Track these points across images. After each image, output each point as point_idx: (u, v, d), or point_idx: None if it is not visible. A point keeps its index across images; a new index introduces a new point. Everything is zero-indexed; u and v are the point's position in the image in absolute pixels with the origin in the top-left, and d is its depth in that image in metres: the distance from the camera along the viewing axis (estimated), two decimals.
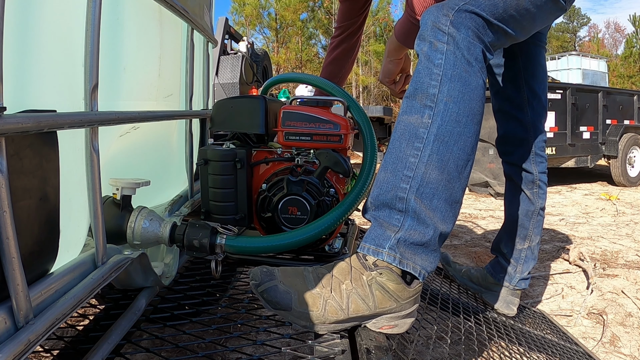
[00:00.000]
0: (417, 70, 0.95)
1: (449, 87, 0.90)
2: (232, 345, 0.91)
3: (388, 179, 0.92)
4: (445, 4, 0.95)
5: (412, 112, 0.92)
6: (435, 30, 0.93)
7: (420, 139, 0.90)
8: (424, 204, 0.89)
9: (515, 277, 1.58)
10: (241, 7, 15.53)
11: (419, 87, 0.92)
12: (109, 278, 0.74)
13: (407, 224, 0.88)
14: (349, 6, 1.73)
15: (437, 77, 0.91)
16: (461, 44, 0.92)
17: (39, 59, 0.60)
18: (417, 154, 0.89)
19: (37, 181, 0.59)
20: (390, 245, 0.87)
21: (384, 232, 0.89)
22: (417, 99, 0.92)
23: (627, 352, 1.68)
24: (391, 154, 0.93)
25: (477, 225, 3.82)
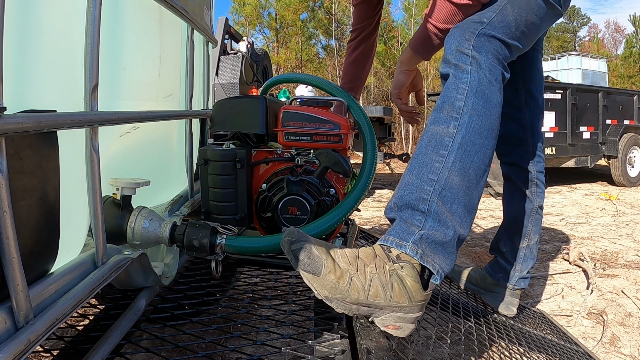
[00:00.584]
0: (445, 86, 1.04)
1: (474, 101, 0.99)
2: (232, 345, 0.91)
3: (412, 182, 0.97)
4: (467, 29, 1.05)
5: (439, 123, 1.00)
6: (460, 54, 1.03)
7: (445, 147, 0.97)
8: (445, 207, 0.94)
9: (514, 277, 1.59)
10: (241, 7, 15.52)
11: (446, 100, 1.01)
12: (109, 278, 0.74)
13: (428, 224, 0.93)
14: (362, 8, 1.75)
15: (463, 92, 1.00)
16: (483, 66, 1.02)
17: (39, 59, 0.60)
18: (442, 160, 0.96)
19: (37, 181, 0.59)
20: (414, 240, 0.91)
21: (408, 227, 0.93)
22: (444, 111, 1.01)
23: (627, 352, 1.68)
24: (417, 159, 1.00)
25: (477, 225, 3.82)
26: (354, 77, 1.84)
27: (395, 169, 7.66)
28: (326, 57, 16.47)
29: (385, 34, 15.44)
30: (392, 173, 6.49)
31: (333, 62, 15.77)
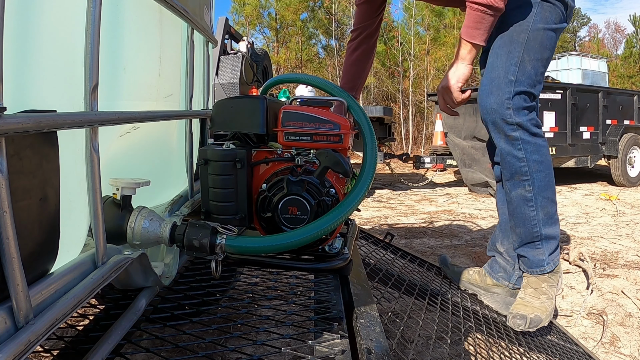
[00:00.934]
0: (507, 160, 1.37)
1: (533, 161, 1.34)
2: (232, 345, 0.91)
3: (523, 231, 1.43)
4: (501, 96, 1.31)
5: (517, 188, 1.39)
6: (505, 125, 1.32)
7: (530, 200, 1.38)
8: (547, 228, 1.41)
9: (514, 275, 1.62)
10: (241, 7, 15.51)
11: (513, 171, 1.37)
12: (109, 278, 0.74)
13: (544, 245, 1.42)
14: (365, 8, 1.76)
15: (522, 159, 1.34)
16: (525, 125, 1.32)
17: (39, 59, 0.60)
18: (533, 208, 1.39)
19: (37, 181, 0.59)
20: (547, 262, 1.42)
21: (538, 258, 1.42)
22: (516, 178, 1.38)
23: (627, 353, 1.68)
24: (517, 216, 1.43)
25: (477, 225, 3.82)
26: (354, 77, 1.84)
27: (395, 169, 7.66)
28: (326, 57, 16.48)
29: (386, 34, 15.43)
30: (392, 173, 6.49)
31: (333, 62, 15.77)
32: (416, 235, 3.44)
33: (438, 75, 14.95)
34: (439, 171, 6.34)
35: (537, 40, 1.34)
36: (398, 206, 4.96)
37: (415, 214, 4.43)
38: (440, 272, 2.04)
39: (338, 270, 1.19)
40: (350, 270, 1.21)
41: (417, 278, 1.79)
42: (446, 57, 14.51)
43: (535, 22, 1.34)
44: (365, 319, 0.95)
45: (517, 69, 1.31)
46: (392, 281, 1.60)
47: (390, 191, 6.16)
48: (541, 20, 1.34)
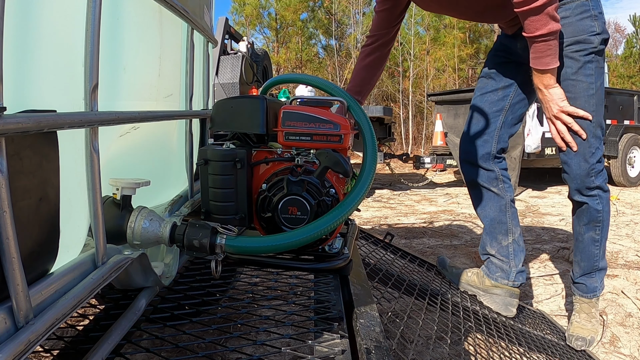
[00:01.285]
0: (588, 211, 1.58)
1: (606, 211, 1.58)
2: (232, 345, 0.91)
3: (586, 265, 1.66)
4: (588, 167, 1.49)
5: (589, 231, 1.61)
6: (586, 190, 1.54)
7: (597, 242, 1.62)
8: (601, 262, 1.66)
9: (512, 273, 1.67)
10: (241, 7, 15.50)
11: (591, 219, 1.59)
12: (109, 278, 0.74)
13: (598, 275, 1.67)
14: (384, 16, 1.75)
15: (600, 211, 1.57)
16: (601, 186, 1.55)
17: (39, 59, 0.60)
18: (598, 247, 1.63)
19: (37, 181, 0.59)
20: (599, 288, 1.68)
21: (593, 285, 1.66)
22: (591, 224, 1.60)
23: (627, 353, 1.68)
24: (584, 253, 1.65)
25: (477, 226, 3.82)
26: (363, 82, 1.84)
27: (395, 169, 7.65)
28: (326, 57, 16.48)
29: None
30: (392, 173, 6.49)
31: (333, 62, 15.77)
32: (416, 236, 3.44)
33: (438, 75, 14.95)
34: (439, 171, 6.34)
35: (600, 98, 1.46)
36: (398, 206, 4.96)
37: (415, 214, 4.43)
38: (440, 272, 2.04)
39: (338, 270, 1.19)
40: (350, 270, 1.21)
41: (417, 278, 1.79)
42: (446, 57, 14.51)
43: (597, 77, 1.44)
44: (365, 319, 0.95)
45: (594, 139, 1.46)
46: (392, 281, 1.60)
47: (390, 191, 6.16)
48: (600, 77, 1.45)
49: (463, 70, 15.05)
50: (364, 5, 15.60)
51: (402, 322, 1.26)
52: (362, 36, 15.07)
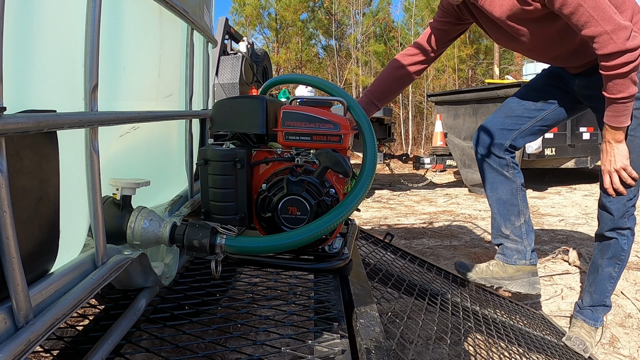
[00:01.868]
0: (615, 247, 1.66)
1: (627, 253, 1.66)
2: (232, 345, 0.91)
3: (598, 298, 1.71)
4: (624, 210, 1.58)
5: (609, 266, 1.68)
6: (620, 229, 1.62)
7: (613, 278, 1.69)
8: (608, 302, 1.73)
9: (527, 252, 1.75)
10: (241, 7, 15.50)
11: (615, 255, 1.66)
12: (109, 278, 0.74)
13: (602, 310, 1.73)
14: (438, 35, 1.75)
15: (625, 251, 1.66)
16: (632, 228, 1.64)
17: (39, 59, 0.60)
18: (612, 283, 1.69)
19: (37, 181, 0.59)
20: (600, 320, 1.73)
21: (598, 316, 1.73)
22: (613, 260, 1.67)
23: (626, 353, 1.68)
24: (599, 286, 1.71)
25: (477, 226, 3.82)
26: (390, 91, 1.82)
27: (395, 169, 7.66)
28: (326, 58, 16.48)
29: (385, 34, 15.43)
30: (392, 173, 6.49)
31: (333, 62, 15.77)
32: (416, 236, 3.44)
33: (438, 75, 14.96)
34: (438, 172, 6.34)
35: None
36: (398, 207, 4.96)
37: (414, 215, 4.43)
38: (440, 272, 2.04)
39: (338, 270, 1.19)
40: (350, 270, 1.21)
41: (417, 278, 1.79)
42: (446, 58, 14.51)
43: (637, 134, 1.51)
44: (365, 319, 0.95)
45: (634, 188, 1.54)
46: (392, 281, 1.60)
47: (390, 192, 6.16)
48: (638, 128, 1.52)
49: (463, 70, 15.05)
50: (364, 6, 15.62)
51: (402, 322, 1.26)
52: (362, 36, 15.08)
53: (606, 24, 1.28)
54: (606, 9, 1.29)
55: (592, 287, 1.72)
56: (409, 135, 14.09)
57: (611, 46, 1.29)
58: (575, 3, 1.29)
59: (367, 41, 15.37)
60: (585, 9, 1.29)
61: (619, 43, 1.28)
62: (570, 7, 1.30)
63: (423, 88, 14.37)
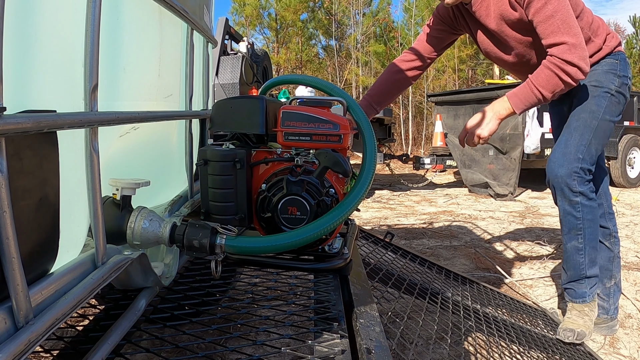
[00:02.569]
0: (567, 219, 1.68)
1: (586, 220, 1.65)
2: (232, 346, 0.91)
3: (573, 273, 1.73)
4: (570, 169, 1.60)
5: (571, 240, 1.70)
6: (570, 192, 1.62)
7: (580, 250, 1.69)
8: (590, 270, 1.70)
9: (611, 309, 1.86)
10: (241, 7, 15.49)
11: (571, 227, 1.68)
12: (109, 278, 0.74)
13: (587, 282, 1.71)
14: (433, 41, 1.83)
15: (580, 219, 1.65)
16: (585, 191, 1.62)
17: (39, 59, 0.60)
18: (582, 255, 1.69)
19: (37, 181, 0.59)
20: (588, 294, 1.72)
21: (582, 291, 1.72)
22: (572, 233, 1.68)
23: (626, 354, 1.68)
24: (570, 262, 1.72)
25: (477, 227, 3.82)
26: (387, 95, 1.89)
27: (395, 169, 7.65)
28: (326, 58, 16.47)
29: (385, 34, 15.42)
30: (392, 174, 6.49)
31: (333, 62, 15.77)
32: (416, 236, 3.44)
33: (438, 75, 14.95)
34: (438, 172, 6.34)
35: (603, 128, 1.64)
36: (398, 207, 4.96)
37: (414, 215, 4.43)
38: (442, 270, 2.04)
39: (338, 270, 1.19)
40: (350, 270, 1.21)
41: (418, 278, 1.79)
42: (446, 58, 14.51)
43: (605, 113, 1.64)
44: (365, 319, 0.95)
45: (585, 150, 1.60)
46: (392, 281, 1.60)
47: (390, 192, 6.16)
48: (609, 113, 1.65)
49: (463, 71, 15.05)
50: (364, 6, 15.62)
51: (402, 322, 1.26)
52: (362, 37, 15.08)
53: (570, 37, 1.41)
54: (573, 26, 1.43)
55: (566, 265, 1.75)
56: (409, 136, 14.08)
57: (567, 54, 1.41)
58: (547, 14, 1.42)
59: (367, 41, 15.37)
60: (555, 20, 1.41)
61: (575, 56, 1.41)
62: (542, 16, 1.43)
63: (423, 88, 14.37)
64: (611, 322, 1.85)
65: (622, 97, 1.69)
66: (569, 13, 1.42)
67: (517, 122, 5.19)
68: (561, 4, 1.41)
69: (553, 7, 1.41)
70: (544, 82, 1.46)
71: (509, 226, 3.84)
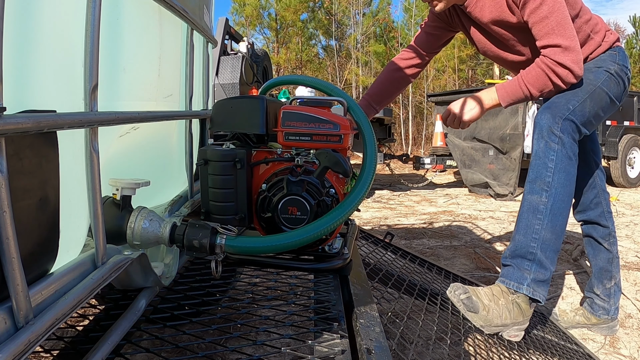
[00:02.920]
0: (536, 163, 1.41)
1: (559, 177, 1.38)
2: (232, 346, 0.91)
3: (521, 240, 1.39)
4: (557, 113, 1.42)
5: (534, 193, 1.40)
6: (550, 134, 1.40)
7: (541, 213, 1.37)
8: (543, 254, 1.37)
9: (611, 309, 1.81)
10: (241, 7, 15.50)
11: (538, 175, 1.40)
12: (109, 278, 0.74)
13: (534, 268, 1.37)
14: (431, 39, 1.82)
15: (551, 170, 1.38)
16: (566, 144, 1.40)
17: (39, 59, 0.60)
18: (540, 223, 1.37)
19: (37, 181, 0.59)
20: (528, 283, 1.36)
21: (522, 274, 1.37)
22: (537, 184, 1.39)
23: (626, 354, 1.68)
24: (522, 222, 1.41)
25: (477, 227, 3.82)
26: (386, 94, 1.88)
27: (395, 169, 7.66)
28: (326, 58, 16.48)
29: (386, 34, 15.43)
30: (392, 174, 6.49)
31: (333, 62, 15.77)
32: (416, 236, 3.44)
33: (438, 75, 14.96)
34: (438, 172, 6.34)
35: (600, 97, 1.52)
36: (398, 207, 4.96)
37: (415, 215, 4.43)
38: (441, 271, 2.04)
39: (338, 270, 1.19)
40: (350, 270, 1.21)
41: (417, 278, 1.79)
42: (446, 58, 14.51)
43: (603, 84, 1.53)
44: (365, 319, 0.95)
45: (578, 104, 1.45)
46: (392, 281, 1.60)
47: (390, 192, 6.16)
48: (607, 86, 1.54)
49: (463, 71, 15.06)
50: (364, 6, 15.63)
51: (402, 322, 1.26)
52: (362, 37, 15.08)
53: (564, 40, 1.38)
54: (568, 28, 1.39)
55: (516, 226, 1.42)
56: (409, 136, 14.09)
57: (560, 56, 1.38)
58: (543, 15, 1.39)
59: (367, 41, 15.38)
60: (550, 21, 1.39)
61: (568, 59, 1.38)
62: (537, 17, 1.40)
63: (423, 88, 14.37)
64: (612, 322, 1.83)
65: (622, 81, 1.59)
66: (564, 15, 1.40)
67: (517, 122, 5.19)
68: (557, 5, 1.39)
69: (548, 8, 1.38)
70: (533, 80, 1.43)
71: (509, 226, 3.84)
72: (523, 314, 1.34)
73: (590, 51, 1.58)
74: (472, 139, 5.66)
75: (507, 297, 1.35)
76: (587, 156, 1.81)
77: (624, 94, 1.63)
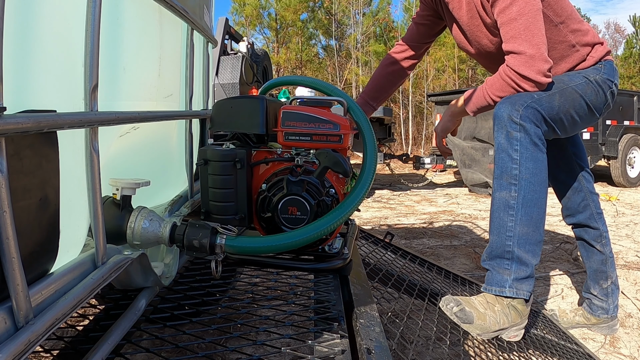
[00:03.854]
0: (500, 157, 1.31)
1: (526, 167, 1.28)
2: (232, 345, 0.91)
3: (496, 240, 1.32)
4: (517, 102, 1.30)
5: (502, 189, 1.31)
6: (510, 122, 1.29)
7: (512, 208, 1.29)
8: (522, 250, 1.29)
9: (610, 308, 1.81)
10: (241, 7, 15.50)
11: (503, 170, 1.30)
12: (109, 278, 0.74)
13: (514, 267, 1.29)
14: (423, 30, 1.79)
15: (516, 161, 1.29)
16: (530, 131, 1.29)
17: (39, 59, 0.60)
18: (513, 219, 1.29)
19: (37, 181, 0.59)
20: (509, 284, 1.29)
21: (502, 276, 1.31)
22: (504, 179, 1.30)
23: (626, 353, 1.68)
24: (494, 222, 1.33)
25: (477, 226, 3.82)
26: (383, 89, 1.86)
27: (395, 169, 7.66)
28: (326, 58, 16.47)
29: (386, 34, 15.42)
30: (392, 173, 6.49)
31: (333, 62, 15.77)
32: (416, 236, 3.44)
33: (438, 75, 14.96)
34: (438, 172, 6.35)
35: (572, 96, 1.41)
36: (398, 207, 4.96)
37: (415, 215, 4.43)
38: (441, 271, 2.04)
39: (338, 270, 1.19)
40: (350, 270, 1.21)
41: (417, 278, 1.79)
42: (446, 58, 14.51)
43: (578, 87, 1.44)
44: (365, 319, 0.95)
45: (545, 95, 1.34)
46: (392, 281, 1.60)
47: (390, 192, 6.16)
48: (582, 90, 1.44)
49: (463, 70, 15.05)
50: (364, 6, 15.62)
51: (402, 322, 1.26)
52: (362, 36, 15.08)
53: (529, 47, 1.28)
54: (537, 34, 1.29)
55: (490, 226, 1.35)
56: (409, 135, 14.09)
57: (523, 68, 1.29)
58: (511, 16, 1.31)
59: (367, 41, 15.37)
60: (518, 24, 1.30)
61: (532, 71, 1.29)
62: (505, 18, 1.32)
63: (423, 88, 14.37)
64: (611, 321, 1.83)
65: (602, 91, 1.49)
66: (535, 19, 1.29)
67: None
68: (528, 7, 1.29)
69: (518, 9, 1.29)
70: (497, 90, 1.37)
71: None
72: (520, 315, 1.31)
73: (572, 65, 1.52)
74: (472, 139, 5.66)
75: (502, 301, 1.29)
76: (570, 160, 1.77)
77: (605, 106, 1.55)
